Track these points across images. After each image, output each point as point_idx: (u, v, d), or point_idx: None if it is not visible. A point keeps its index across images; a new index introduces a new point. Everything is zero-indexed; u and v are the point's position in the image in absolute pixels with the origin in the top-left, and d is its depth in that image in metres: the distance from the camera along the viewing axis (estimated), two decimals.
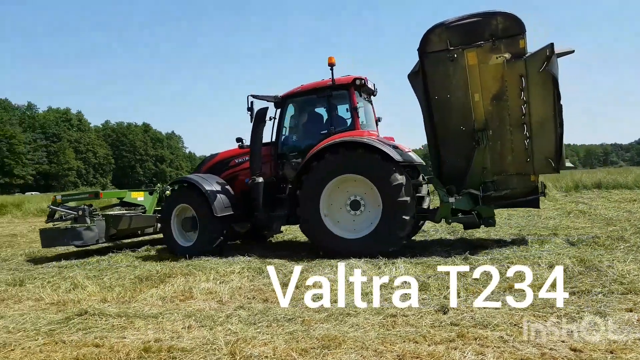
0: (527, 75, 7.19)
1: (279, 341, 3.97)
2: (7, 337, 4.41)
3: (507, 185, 7.90)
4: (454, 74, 7.60)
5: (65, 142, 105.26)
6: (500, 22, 7.20)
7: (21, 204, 24.15)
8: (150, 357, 3.72)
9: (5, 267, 8.23)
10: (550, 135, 7.37)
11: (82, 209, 9.43)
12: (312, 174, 7.87)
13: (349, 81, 8.38)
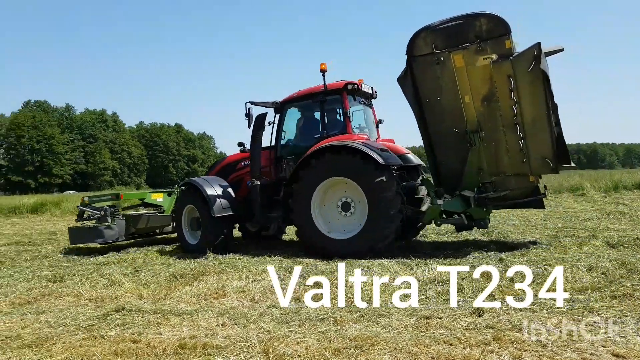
0: (515, 75, 7.10)
1: (311, 340, 3.97)
2: (49, 331, 4.53)
3: (506, 186, 7.86)
4: (442, 77, 7.60)
5: (101, 143, 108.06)
6: (484, 23, 7.13)
7: (60, 202, 24.81)
8: (186, 354, 3.77)
9: (46, 263, 8.47)
10: (545, 135, 7.24)
11: (104, 209, 10.08)
12: (302, 178, 8.13)
13: (341, 86, 8.58)
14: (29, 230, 15.79)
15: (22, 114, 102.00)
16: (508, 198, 7.95)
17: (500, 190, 7.86)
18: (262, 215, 8.75)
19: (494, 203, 8.03)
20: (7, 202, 25.90)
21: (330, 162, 7.89)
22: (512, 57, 7.07)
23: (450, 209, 7.83)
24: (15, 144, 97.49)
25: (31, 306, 5.61)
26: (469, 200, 7.70)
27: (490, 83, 7.33)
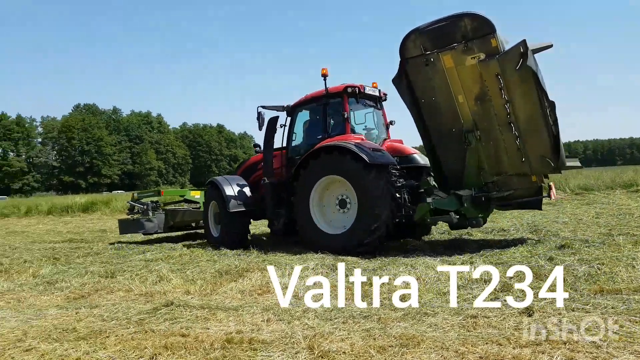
0: (503, 74, 7.00)
1: (355, 338, 3.96)
2: (102, 324, 4.69)
3: (509, 186, 7.82)
4: (434, 78, 7.65)
5: (147, 144, 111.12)
6: (468, 23, 7.06)
7: (109, 201, 25.70)
8: (233, 348, 3.83)
9: (97, 260, 8.78)
10: (542, 134, 7.09)
11: (147, 204, 11.47)
12: (301, 177, 8.65)
13: (341, 89, 8.94)
14: (80, 228, 16.45)
15: (72, 117, 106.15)
16: (512, 198, 7.91)
17: (503, 190, 7.82)
18: (272, 212, 9.27)
19: (497, 203, 8.05)
20: (60, 202, 27.02)
21: (325, 161, 8.29)
22: (499, 55, 6.94)
23: (441, 207, 7.87)
24: (66, 145, 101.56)
25: (85, 300, 5.84)
26: (461, 199, 7.72)
27: (481, 82, 7.26)
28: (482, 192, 7.81)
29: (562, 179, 20.01)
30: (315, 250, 8.00)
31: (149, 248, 9.93)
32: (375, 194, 7.76)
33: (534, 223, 10.23)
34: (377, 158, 7.86)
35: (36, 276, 7.49)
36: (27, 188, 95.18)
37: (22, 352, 4.00)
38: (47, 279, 7.21)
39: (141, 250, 9.58)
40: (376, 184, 7.76)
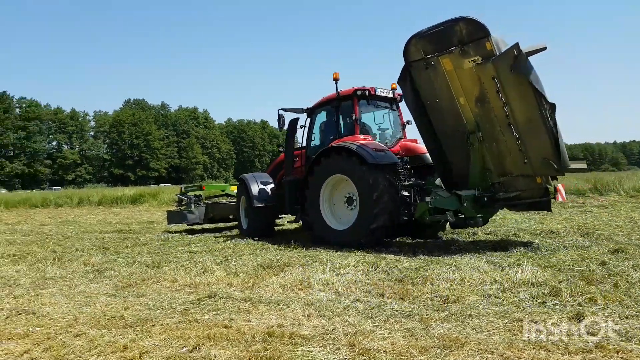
0: (499, 76, 7.07)
1: (397, 337, 3.90)
2: (148, 313, 4.82)
3: (515, 186, 7.85)
4: (436, 81, 7.78)
5: (193, 139, 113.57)
6: (463, 27, 7.14)
7: (157, 194, 26.39)
8: (274, 341, 3.85)
9: (145, 250, 9.04)
10: (542, 136, 7.08)
11: (190, 197, 12.46)
12: (313, 175, 9.09)
13: (351, 92, 9.35)
14: (129, 219, 16.97)
15: (123, 112, 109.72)
16: (518, 199, 7.90)
17: (510, 190, 7.86)
18: (291, 208, 9.81)
19: (505, 203, 8.11)
20: (110, 193, 27.96)
21: (333, 161, 8.69)
22: (493, 59, 7.00)
23: (440, 206, 7.98)
24: (117, 139, 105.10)
25: (132, 289, 6.01)
26: (460, 199, 7.79)
27: (480, 84, 7.34)
28: (487, 192, 7.86)
29: (616, 180, 19.22)
30: (357, 248, 8.02)
31: (194, 240, 10.14)
32: (375, 193, 8.03)
33: (586, 226, 9.85)
34: (378, 158, 8.09)
35: (87, 264, 7.78)
36: (80, 179, 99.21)
37: (72, 337, 4.15)
38: (97, 267, 7.48)
39: (186, 242, 9.80)
40: (376, 183, 8.01)
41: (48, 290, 6.05)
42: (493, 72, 7.08)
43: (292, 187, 9.77)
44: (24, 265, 7.94)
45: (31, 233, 12.90)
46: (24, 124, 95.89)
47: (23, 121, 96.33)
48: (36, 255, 8.77)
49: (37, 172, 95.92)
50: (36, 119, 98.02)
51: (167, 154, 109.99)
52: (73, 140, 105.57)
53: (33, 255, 8.87)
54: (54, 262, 8.05)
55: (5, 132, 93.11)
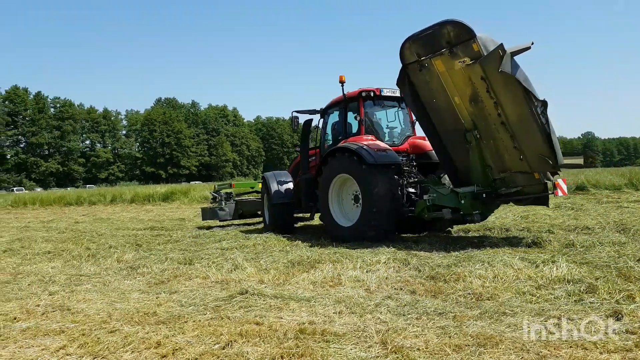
0: (487, 76, 7.21)
1: (430, 335, 3.85)
2: (181, 310, 4.87)
3: (515, 183, 7.95)
4: (431, 81, 7.98)
5: (223, 136, 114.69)
6: (450, 30, 7.30)
7: (187, 191, 26.78)
8: (306, 338, 3.84)
9: (176, 247, 9.16)
10: (535, 133, 7.19)
11: (221, 194, 13.24)
12: (322, 175, 9.46)
13: (356, 94, 9.65)
14: (161, 216, 17.26)
15: (154, 111, 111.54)
16: (521, 194, 8.05)
17: (511, 186, 7.99)
18: (306, 205, 10.26)
19: (506, 199, 8.33)
20: (142, 191, 28.52)
21: (339, 161, 9.00)
22: (480, 59, 7.13)
23: (438, 203, 8.17)
24: (148, 138, 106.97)
25: (165, 286, 6.09)
26: (458, 196, 7.98)
27: (471, 84, 7.49)
28: (488, 188, 8.05)
29: None
30: (387, 244, 7.97)
31: (225, 237, 10.23)
32: (375, 191, 8.31)
33: (622, 221, 9.57)
34: (379, 158, 8.33)
35: (120, 261, 7.93)
36: (112, 177, 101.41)
37: (107, 333, 4.22)
38: (130, 264, 7.62)
39: (217, 239, 9.89)
40: (375, 182, 8.29)
41: (83, 287, 6.19)
42: (481, 73, 7.23)
43: (307, 185, 10.17)
44: (59, 262, 8.14)
45: (66, 230, 13.23)
46: (58, 124, 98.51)
47: (57, 121, 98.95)
48: (71, 252, 8.97)
49: (71, 170, 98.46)
50: (70, 118, 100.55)
51: (198, 151, 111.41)
52: (106, 139, 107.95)
53: (68, 252, 9.08)
54: (88, 259, 8.23)
55: (40, 132, 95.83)
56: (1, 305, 5.39)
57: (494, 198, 8.16)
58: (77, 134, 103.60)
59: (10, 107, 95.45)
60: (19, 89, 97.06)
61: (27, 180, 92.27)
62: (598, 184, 19.16)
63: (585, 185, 19.28)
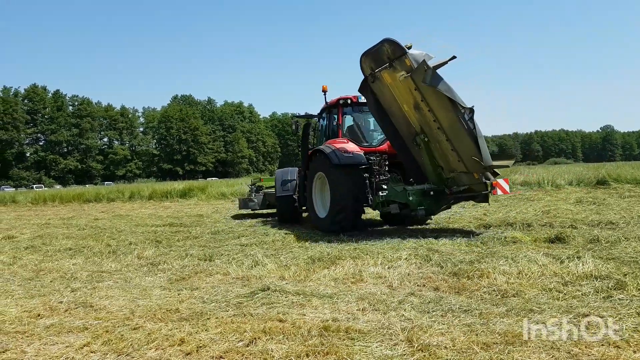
0: (418, 88, 8.02)
1: (456, 332, 3.78)
2: (203, 306, 4.86)
3: (462, 182, 8.68)
4: (384, 91, 8.78)
5: (239, 133, 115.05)
6: (388, 47, 8.12)
7: (205, 188, 26.81)
8: (330, 336, 3.80)
9: (196, 244, 9.18)
10: (465, 138, 7.90)
11: (251, 187, 15.49)
12: (308, 172, 10.77)
13: (335, 102, 10.88)
14: (179, 213, 17.33)
15: (171, 108, 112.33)
16: (468, 192, 8.83)
17: (460, 185, 8.77)
18: (302, 198, 11.40)
19: (453, 197, 9.01)
20: (160, 188, 28.65)
21: (317, 161, 10.18)
22: (410, 73, 7.93)
23: (390, 198, 9.10)
24: (165, 135, 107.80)
25: (186, 282, 6.09)
26: (406, 193, 8.87)
27: (412, 94, 8.27)
28: (442, 187, 8.85)
29: None
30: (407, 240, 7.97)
31: (244, 233, 10.25)
32: (338, 189, 9.39)
33: None
34: (343, 159, 9.37)
35: (141, 258, 7.96)
36: (130, 174, 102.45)
37: (130, 330, 4.22)
38: (151, 260, 7.65)
39: (236, 235, 9.91)
40: (338, 180, 9.37)
41: (104, 284, 6.21)
42: (413, 85, 8.04)
43: (302, 181, 11.31)
44: (80, 258, 8.19)
45: (86, 227, 13.35)
46: (76, 121, 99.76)
47: (76, 118, 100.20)
48: (92, 249, 9.04)
49: (90, 167, 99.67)
50: (88, 116, 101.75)
51: (214, 148, 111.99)
52: (123, 136, 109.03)
53: (89, 248, 9.15)
54: (109, 256, 8.28)
55: (59, 130, 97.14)
56: (25, 301, 5.43)
57: (442, 196, 8.93)
58: (95, 132, 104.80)
59: (29, 105, 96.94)
60: (37, 88, 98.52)
61: (46, 178, 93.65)
62: (619, 177, 18.77)
63: (607, 179, 18.92)
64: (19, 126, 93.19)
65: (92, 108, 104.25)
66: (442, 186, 8.84)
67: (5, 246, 10.14)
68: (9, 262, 8.14)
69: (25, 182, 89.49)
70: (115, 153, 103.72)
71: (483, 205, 13.68)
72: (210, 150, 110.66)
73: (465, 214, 11.70)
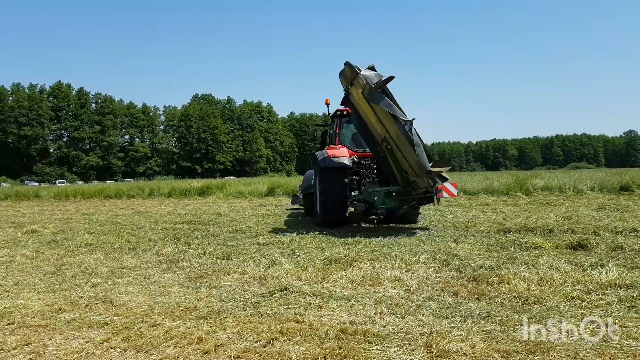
0: (369, 104, 9.32)
1: (476, 339, 3.72)
2: (221, 305, 4.86)
3: (421, 185, 9.81)
4: (356, 105, 10.03)
5: (257, 132, 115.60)
6: (347, 69, 9.66)
7: (223, 186, 26.99)
8: (347, 339, 3.77)
9: (214, 242, 9.20)
10: (408, 147, 9.07)
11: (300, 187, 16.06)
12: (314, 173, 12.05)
13: (334, 113, 12.49)
14: (197, 210, 17.43)
15: (191, 106, 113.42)
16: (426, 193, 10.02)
17: (421, 188, 9.92)
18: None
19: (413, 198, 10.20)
20: (179, 185, 28.91)
21: (315, 164, 11.33)
22: (361, 91, 9.31)
23: (360, 198, 10.42)
24: (185, 133, 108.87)
25: (204, 280, 6.10)
26: (371, 193, 10.18)
27: (370, 108, 9.46)
28: (409, 189, 9.99)
29: None
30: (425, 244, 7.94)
31: (261, 232, 10.26)
32: (323, 188, 10.60)
33: None
34: (328, 163, 10.55)
35: (160, 254, 8.00)
36: (150, 172, 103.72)
37: (149, 327, 4.24)
38: (170, 257, 7.69)
39: (253, 235, 9.92)
40: (324, 181, 10.58)
41: (124, 280, 6.25)
42: (364, 101, 9.35)
43: None
44: (101, 254, 8.27)
45: (106, 223, 13.49)
46: (99, 119, 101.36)
47: (98, 116, 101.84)
48: (112, 245, 9.12)
49: (111, 164, 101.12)
50: (110, 113, 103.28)
51: (232, 147, 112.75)
52: (144, 134, 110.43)
53: (109, 244, 9.23)
54: (129, 252, 8.34)
55: (82, 127, 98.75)
56: (46, 296, 5.50)
57: (404, 197, 10.15)
58: (117, 129, 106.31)
59: (54, 102, 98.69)
60: (62, 85, 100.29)
61: (68, 174, 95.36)
62: None
63: (630, 185, 18.56)
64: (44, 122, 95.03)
65: (115, 106, 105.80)
66: (408, 188, 9.99)
67: (28, 240, 10.30)
68: (31, 256, 8.26)
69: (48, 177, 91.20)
70: (136, 150, 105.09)
71: (503, 210, 13.58)
72: (228, 149, 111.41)
73: (485, 218, 11.57)
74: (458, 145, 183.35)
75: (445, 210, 14.06)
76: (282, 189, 24.71)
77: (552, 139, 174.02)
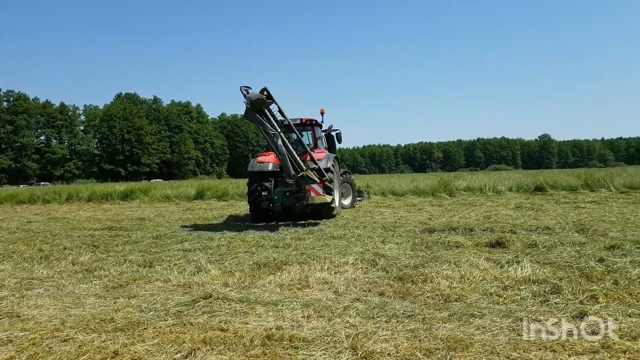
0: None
1: (400, 339, 3.78)
2: (140, 316, 4.63)
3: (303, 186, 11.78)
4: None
5: (186, 134, 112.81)
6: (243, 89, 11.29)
7: (148, 190, 26.02)
8: (273, 345, 3.70)
9: (136, 248, 8.80)
10: (281, 156, 11.23)
11: None
12: None
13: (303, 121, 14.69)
14: (120, 215, 16.67)
15: (114, 106, 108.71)
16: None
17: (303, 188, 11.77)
18: None
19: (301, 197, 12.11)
20: (100, 189, 27.59)
21: None
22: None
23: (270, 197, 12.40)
24: (107, 134, 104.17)
25: (123, 290, 5.79)
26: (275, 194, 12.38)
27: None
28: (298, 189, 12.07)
29: (606, 176, 19.40)
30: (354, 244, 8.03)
31: (187, 237, 9.94)
32: (249, 190, 12.78)
33: (580, 221, 9.83)
34: (252, 167, 12.82)
35: (75, 263, 7.53)
36: (69, 175, 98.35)
37: (59, 343, 3.96)
38: (86, 266, 7.26)
39: (179, 240, 9.59)
40: (249, 183, 12.87)
41: (34, 292, 5.83)
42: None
43: None
44: (8, 264, 7.67)
45: (17, 230, 12.60)
46: (11, 118, 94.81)
47: (10, 115, 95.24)
48: (22, 254, 8.48)
49: (25, 167, 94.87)
50: (24, 112, 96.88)
51: (159, 149, 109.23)
52: (62, 134, 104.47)
53: (19, 254, 8.58)
54: (41, 261, 7.79)
55: None
56: None
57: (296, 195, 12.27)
58: (32, 129, 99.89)
59: None
60: None
61: None
62: (555, 184, 19.73)
63: (544, 186, 19.81)
64: None
65: (29, 104, 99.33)
66: (299, 189, 11.99)
67: None
68: None
69: None
70: (53, 152, 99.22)
71: (428, 210, 14.07)
72: (155, 151, 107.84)
73: (411, 218, 11.89)
74: (388, 147, 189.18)
75: (374, 211, 14.33)
76: (212, 192, 24.09)
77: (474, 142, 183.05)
